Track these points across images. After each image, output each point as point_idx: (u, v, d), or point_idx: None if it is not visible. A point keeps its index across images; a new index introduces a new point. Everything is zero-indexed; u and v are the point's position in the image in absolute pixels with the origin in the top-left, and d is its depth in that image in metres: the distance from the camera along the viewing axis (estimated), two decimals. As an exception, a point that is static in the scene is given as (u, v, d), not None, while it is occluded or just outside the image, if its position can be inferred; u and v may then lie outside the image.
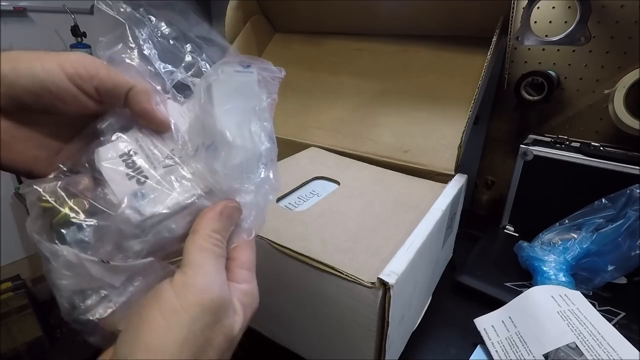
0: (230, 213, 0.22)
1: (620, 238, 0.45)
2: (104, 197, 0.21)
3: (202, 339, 0.18)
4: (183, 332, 0.17)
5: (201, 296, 0.18)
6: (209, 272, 0.19)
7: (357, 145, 0.58)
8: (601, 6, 0.56)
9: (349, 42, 0.73)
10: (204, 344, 0.18)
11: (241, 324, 0.21)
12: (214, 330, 0.19)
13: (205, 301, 0.18)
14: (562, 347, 0.36)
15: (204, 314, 0.18)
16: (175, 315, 0.18)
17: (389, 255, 0.33)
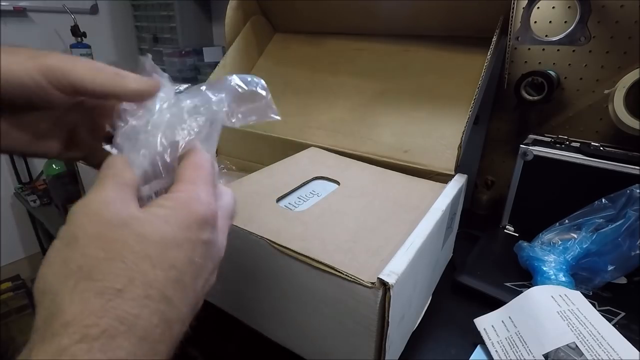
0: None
1: (620, 238, 0.45)
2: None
3: (83, 237, 0.18)
4: (63, 239, 0.18)
5: (77, 207, 0.19)
6: (87, 195, 0.20)
7: (357, 145, 0.58)
8: (601, 6, 0.56)
9: (349, 42, 0.73)
10: (87, 241, 0.18)
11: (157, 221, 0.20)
12: (95, 227, 0.18)
13: (78, 208, 0.19)
14: (562, 347, 0.36)
15: (79, 218, 0.18)
16: (60, 232, 0.19)
17: (389, 255, 0.33)
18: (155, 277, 0.18)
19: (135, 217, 0.19)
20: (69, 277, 0.17)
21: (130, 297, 0.17)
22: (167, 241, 0.19)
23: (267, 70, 0.78)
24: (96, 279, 0.17)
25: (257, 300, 0.39)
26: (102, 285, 0.16)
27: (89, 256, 0.17)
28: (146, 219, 0.19)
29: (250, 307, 0.41)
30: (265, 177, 0.47)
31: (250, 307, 0.41)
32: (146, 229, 0.18)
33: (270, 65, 0.79)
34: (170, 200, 0.20)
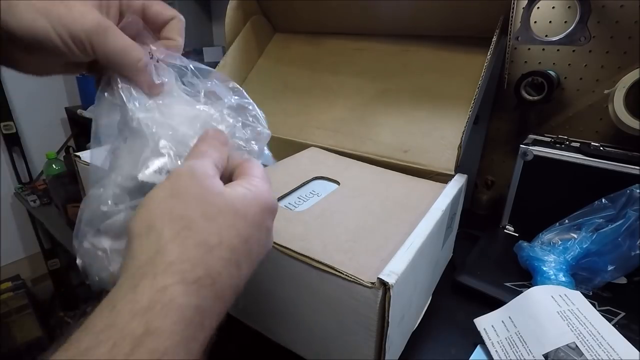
0: (214, 134, 0.25)
1: (620, 238, 0.45)
2: None
3: (186, 194, 0.21)
4: (166, 190, 0.21)
5: (178, 169, 0.22)
6: (187, 161, 0.23)
7: (357, 145, 0.58)
8: (601, 6, 0.56)
9: (349, 42, 0.73)
10: (189, 198, 0.21)
11: (244, 198, 0.22)
12: (196, 189, 0.21)
13: (182, 169, 0.22)
14: (562, 347, 0.36)
15: (181, 177, 0.22)
16: (161, 184, 0.21)
17: (389, 255, 0.33)
18: (237, 245, 0.21)
19: (228, 191, 0.22)
20: (174, 222, 0.19)
21: (218, 255, 0.19)
22: (249, 218, 0.22)
23: (267, 70, 0.78)
24: (195, 231, 0.19)
25: (257, 300, 0.39)
26: (200, 238, 0.19)
27: (191, 210, 0.20)
28: (235, 194, 0.22)
29: (251, 307, 0.41)
30: (265, 177, 0.47)
31: (251, 308, 0.41)
32: (236, 204, 0.21)
33: (270, 65, 0.79)
34: (252, 186, 0.23)
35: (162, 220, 0.19)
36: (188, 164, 0.22)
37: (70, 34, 0.22)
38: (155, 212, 0.20)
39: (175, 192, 0.20)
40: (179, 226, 0.19)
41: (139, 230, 0.19)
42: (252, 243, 0.22)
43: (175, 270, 0.18)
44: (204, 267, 0.18)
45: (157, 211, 0.20)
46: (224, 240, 0.20)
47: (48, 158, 1.30)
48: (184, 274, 0.18)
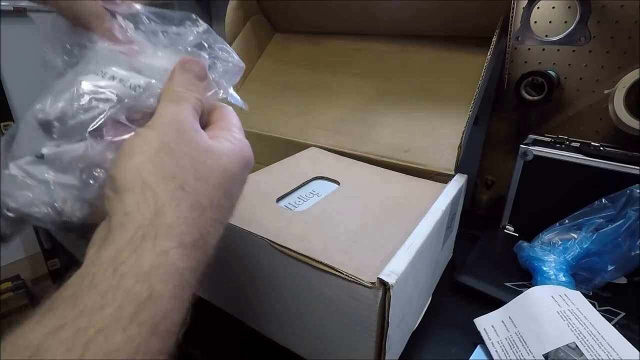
0: (191, 68, 0.24)
1: (620, 238, 0.45)
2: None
3: (176, 150, 0.20)
4: (154, 142, 0.20)
5: (163, 120, 0.21)
6: (166, 109, 0.22)
7: (357, 145, 0.58)
8: (601, 6, 0.56)
9: (348, 42, 0.73)
10: (180, 154, 0.20)
11: (230, 155, 0.22)
12: (184, 144, 0.20)
13: (167, 122, 0.21)
14: (562, 347, 0.36)
15: (169, 130, 0.20)
16: (147, 136, 0.20)
17: (389, 255, 0.33)
18: (223, 204, 0.21)
19: (216, 147, 0.22)
20: (167, 181, 0.19)
21: (209, 216, 0.20)
22: (234, 176, 0.22)
23: (267, 70, 0.78)
24: (189, 192, 0.19)
25: (257, 300, 0.39)
26: (193, 199, 0.19)
27: (182, 168, 0.20)
28: (222, 151, 0.22)
29: (251, 307, 0.41)
30: (265, 177, 0.47)
31: (251, 307, 0.41)
32: (224, 161, 0.22)
33: (270, 65, 0.79)
34: (236, 140, 0.23)
35: (155, 177, 0.19)
36: (170, 112, 0.21)
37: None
38: (147, 167, 0.19)
39: (165, 147, 0.20)
40: (173, 186, 0.19)
41: (130, 183, 0.19)
42: (234, 198, 0.23)
43: (175, 233, 0.18)
44: (198, 230, 0.19)
45: (149, 166, 0.19)
46: (213, 201, 0.20)
47: (48, 158, 1.30)
48: (182, 237, 0.18)
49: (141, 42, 0.26)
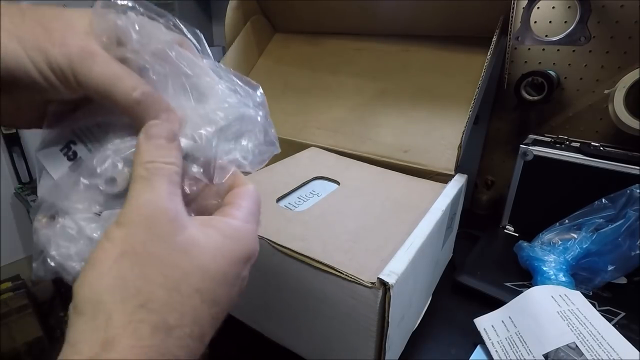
0: (156, 132, 0.20)
1: (620, 238, 0.45)
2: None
3: (143, 254, 0.17)
4: (120, 246, 0.17)
5: (132, 216, 0.17)
6: (137, 197, 0.18)
7: (357, 145, 0.58)
8: (601, 6, 0.55)
9: (348, 42, 0.73)
10: (147, 260, 0.17)
11: (215, 251, 0.19)
12: (156, 246, 0.17)
13: (135, 218, 0.17)
14: (562, 347, 0.36)
15: (138, 230, 0.17)
16: (112, 235, 0.17)
17: (389, 255, 0.33)
18: (201, 314, 0.18)
19: (197, 242, 0.18)
20: (126, 300, 0.16)
21: (177, 335, 0.16)
22: (219, 277, 0.18)
23: (267, 70, 0.78)
24: (152, 310, 0.16)
25: (257, 300, 0.39)
26: (158, 318, 0.16)
27: (148, 279, 0.16)
28: (205, 246, 0.18)
29: (251, 307, 0.41)
30: (265, 177, 0.47)
31: (251, 307, 0.41)
32: (204, 260, 0.18)
33: (270, 65, 0.79)
34: (231, 228, 0.20)
35: (112, 295, 0.16)
36: (139, 200, 0.18)
37: (48, 61, 0.18)
38: (104, 281, 0.16)
39: (129, 252, 0.16)
40: (132, 305, 0.16)
41: (84, 303, 0.16)
42: (222, 303, 0.19)
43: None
44: (159, 354, 0.16)
45: (107, 279, 0.16)
46: (186, 314, 0.17)
47: (48, 158, 1.30)
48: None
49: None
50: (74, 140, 0.22)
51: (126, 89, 0.19)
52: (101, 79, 0.19)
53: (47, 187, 0.22)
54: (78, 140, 0.22)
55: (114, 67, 0.20)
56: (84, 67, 0.19)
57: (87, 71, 0.19)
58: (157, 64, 0.21)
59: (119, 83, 0.19)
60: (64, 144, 0.22)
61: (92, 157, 0.21)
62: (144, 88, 0.20)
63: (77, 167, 0.22)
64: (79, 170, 0.21)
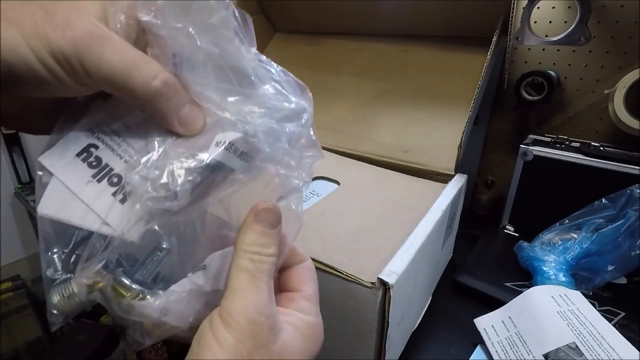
0: (266, 217, 0.20)
1: (620, 238, 0.45)
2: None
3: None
4: (232, 355, 0.18)
5: (240, 320, 0.18)
6: (244, 296, 0.19)
7: (357, 145, 0.58)
8: (601, 6, 0.55)
9: (349, 42, 0.73)
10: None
11: (299, 354, 0.20)
12: (258, 354, 0.18)
13: (244, 325, 0.18)
14: (562, 347, 0.36)
15: (247, 339, 0.18)
16: (224, 339, 0.18)
17: (389, 255, 0.33)
18: None
19: (286, 347, 0.19)
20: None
21: None
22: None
23: (267, 70, 0.78)
24: None
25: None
26: None
27: None
28: (292, 350, 0.19)
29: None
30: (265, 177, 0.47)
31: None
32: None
33: (270, 65, 0.79)
34: (306, 326, 0.21)
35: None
36: (246, 302, 0.18)
37: (50, 49, 0.15)
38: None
39: (235, 353, 0.18)
40: None
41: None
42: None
43: None
44: None
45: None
46: None
47: (48, 158, 1.30)
48: None
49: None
50: (95, 144, 0.18)
51: (145, 78, 0.17)
52: (114, 66, 0.16)
53: (63, 205, 0.17)
54: (101, 144, 0.18)
55: (129, 52, 0.17)
56: (93, 54, 0.16)
57: (97, 58, 0.16)
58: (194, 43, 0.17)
59: (135, 71, 0.17)
60: (81, 147, 0.18)
61: (131, 166, 0.18)
62: (164, 76, 0.17)
63: (105, 178, 0.18)
64: (112, 182, 0.18)
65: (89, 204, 0.17)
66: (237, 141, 0.18)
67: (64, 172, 0.18)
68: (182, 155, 0.18)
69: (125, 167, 0.18)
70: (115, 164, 0.18)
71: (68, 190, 0.17)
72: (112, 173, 0.18)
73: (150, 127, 0.19)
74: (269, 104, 0.20)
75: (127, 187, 0.18)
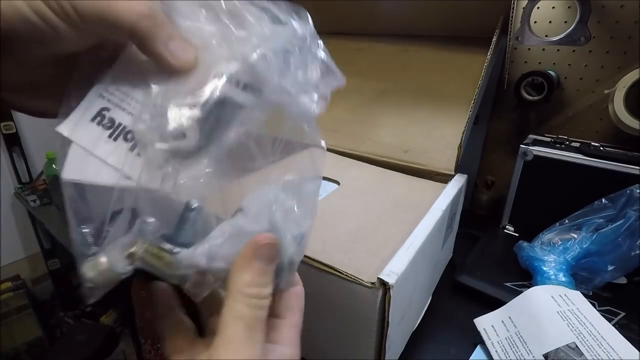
0: (266, 253, 0.19)
1: (620, 238, 0.45)
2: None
3: None
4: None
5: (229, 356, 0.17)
6: (238, 351, 0.18)
7: (357, 145, 0.58)
8: (601, 6, 0.56)
9: (349, 42, 0.73)
10: None
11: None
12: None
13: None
14: (562, 347, 0.36)
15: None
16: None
17: (389, 255, 0.33)
18: None
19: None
20: None
21: None
22: None
23: (267, 70, 0.77)
24: None
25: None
26: None
27: None
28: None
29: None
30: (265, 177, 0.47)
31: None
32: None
33: (270, 65, 0.78)
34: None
35: None
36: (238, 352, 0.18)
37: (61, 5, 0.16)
38: None
39: None
40: None
41: None
42: None
43: None
44: None
45: None
46: None
47: (48, 158, 1.30)
48: None
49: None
50: (106, 107, 0.19)
51: (129, 4, 0.17)
52: (106, 5, 0.17)
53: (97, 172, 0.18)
54: (112, 105, 0.19)
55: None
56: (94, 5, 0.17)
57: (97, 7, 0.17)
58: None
59: (127, 6, 0.17)
60: (94, 113, 0.19)
61: (137, 117, 0.18)
62: (148, 2, 0.18)
63: (120, 136, 0.18)
64: (127, 138, 0.18)
65: (107, 161, 0.18)
66: (238, 72, 0.18)
67: (82, 137, 0.18)
68: (181, 95, 0.18)
69: (133, 120, 0.18)
70: (127, 120, 0.19)
71: (87, 152, 0.18)
72: (126, 130, 0.19)
73: (150, 78, 0.19)
74: (265, 33, 0.19)
75: (136, 137, 0.18)
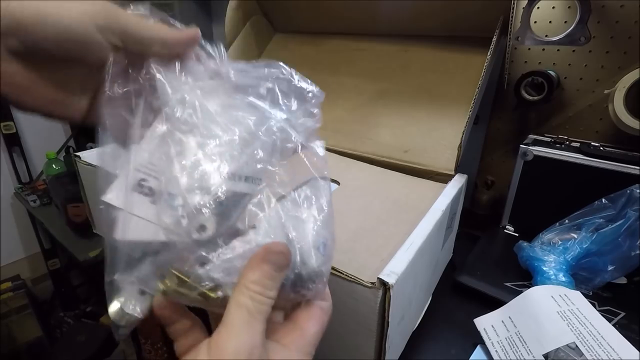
0: (276, 260, 0.20)
1: (620, 238, 0.45)
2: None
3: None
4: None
5: (227, 349, 0.18)
6: (238, 336, 0.18)
7: (357, 145, 0.58)
8: (601, 6, 0.55)
9: (349, 42, 0.73)
10: None
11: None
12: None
13: (230, 355, 0.18)
14: (562, 347, 0.36)
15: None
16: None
17: (389, 255, 0.33)
18: None
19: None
20: None
21: None
22: None
23: (267, 70, 0.77)
24: None
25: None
26: None
27: None
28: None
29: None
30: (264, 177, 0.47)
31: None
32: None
33: (270, 65, 0.78)
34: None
35: None
36: (240, 341, 0.18)
37: (109, 24, 0.20)
38: None
39: None
40: None
41: None
42: None
43: None
44: None
45: None
46: None
47: (48, 158, 1.30)
48: None
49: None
50: (143, 178, 0.22)
51: (173, 31, 0.23)
52: (150, 27, 0.22)
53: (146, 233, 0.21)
54: (147, 176, 0.22)
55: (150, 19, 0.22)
56: (131, 22, 0.21)
57: (123, 14, 0.21)
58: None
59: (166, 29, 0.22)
60: (133, 184, 0.22)
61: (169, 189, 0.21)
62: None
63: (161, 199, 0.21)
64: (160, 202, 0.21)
65: (154, 221, 0.21)
66: (237, 170, 0.22)
67: (128, 204, 0.21)
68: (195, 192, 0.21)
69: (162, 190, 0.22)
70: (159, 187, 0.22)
71: (134, 216, 0.21)
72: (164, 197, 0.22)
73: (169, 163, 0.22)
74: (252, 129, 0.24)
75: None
